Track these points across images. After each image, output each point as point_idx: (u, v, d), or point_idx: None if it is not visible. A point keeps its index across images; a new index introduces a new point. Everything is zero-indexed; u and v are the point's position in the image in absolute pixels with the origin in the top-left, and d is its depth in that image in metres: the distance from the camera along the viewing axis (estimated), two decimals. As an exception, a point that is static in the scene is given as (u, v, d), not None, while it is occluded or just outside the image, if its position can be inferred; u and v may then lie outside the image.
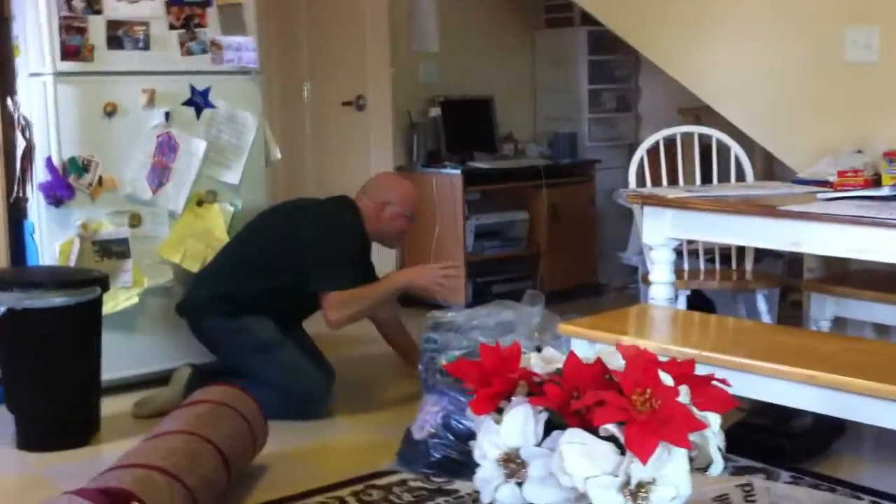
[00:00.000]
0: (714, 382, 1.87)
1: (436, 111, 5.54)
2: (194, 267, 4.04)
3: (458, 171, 5.28)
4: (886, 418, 2.39)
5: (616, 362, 1.83)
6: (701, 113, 5.44)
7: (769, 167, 5.02)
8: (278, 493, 2.98)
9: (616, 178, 6.13)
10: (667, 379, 1.75)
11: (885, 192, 3.02)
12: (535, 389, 1.91)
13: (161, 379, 3.85)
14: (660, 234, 3.29)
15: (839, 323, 3.65)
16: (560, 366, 1.92)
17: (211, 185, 4.11)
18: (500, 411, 1.95)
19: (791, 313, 4.90)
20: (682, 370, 1.80)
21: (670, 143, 4.19)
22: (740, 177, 4.02)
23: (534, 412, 1.86)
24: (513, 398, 1.91)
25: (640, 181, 4.05)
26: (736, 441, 2.33)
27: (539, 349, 3.26)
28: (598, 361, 1.87)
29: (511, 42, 6.11)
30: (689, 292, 3.79)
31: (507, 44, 6.08)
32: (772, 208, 2.99)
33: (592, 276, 5.89)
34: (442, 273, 3.73)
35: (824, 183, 3.50)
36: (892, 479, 3.05)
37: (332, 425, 3.66)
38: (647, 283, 3.82)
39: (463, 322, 3.29)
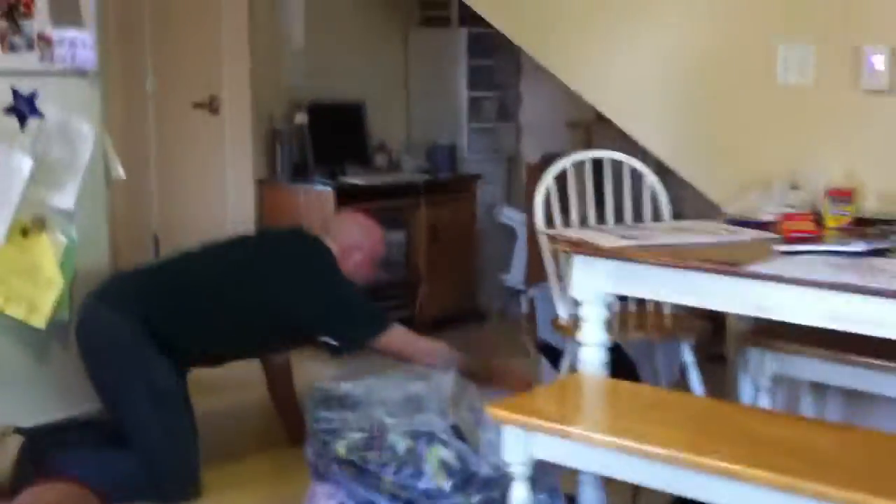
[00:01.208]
0: None
1: (302, 117, 4.91)
2: (19, 312, 3.32)
3: (328, 188, 4.67)
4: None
5: None
6: (593, 127, 5.03)
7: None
8: None
9: (496, 193, 5.69)
10: None
11: (860, 247, 2.61)
12: None
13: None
14: (592, 288, 2.79)
15: (776, 381, 3.25)
16: None
17: (39, 211, 3.40)
18: None
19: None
20: None
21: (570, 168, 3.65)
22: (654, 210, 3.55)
23: None
24: None
25: (548, 215, 3.51)
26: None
27: (456, 428, 2.75)
28: None
29: (383, 40, 5.53)
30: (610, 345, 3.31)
31: (378, 41, 5.50)
32: (735, 266, 2.53)
33: (473, 302, 5.40)
34: None
35: (760, 225, 3.10)
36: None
37: (195, 511, 3.03)
38: (567, 333, 3.33)
39: (362, 396, 2.69)
